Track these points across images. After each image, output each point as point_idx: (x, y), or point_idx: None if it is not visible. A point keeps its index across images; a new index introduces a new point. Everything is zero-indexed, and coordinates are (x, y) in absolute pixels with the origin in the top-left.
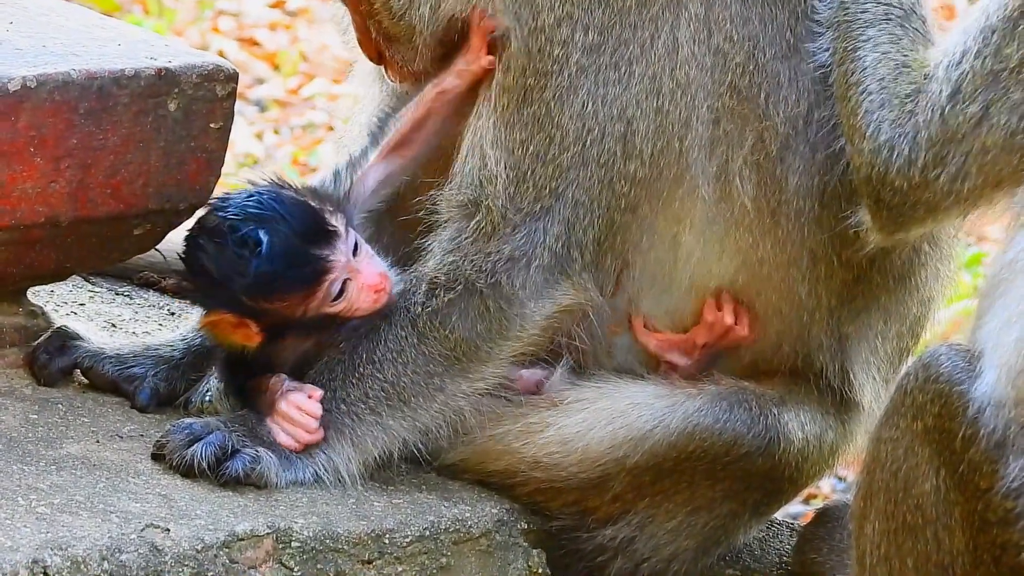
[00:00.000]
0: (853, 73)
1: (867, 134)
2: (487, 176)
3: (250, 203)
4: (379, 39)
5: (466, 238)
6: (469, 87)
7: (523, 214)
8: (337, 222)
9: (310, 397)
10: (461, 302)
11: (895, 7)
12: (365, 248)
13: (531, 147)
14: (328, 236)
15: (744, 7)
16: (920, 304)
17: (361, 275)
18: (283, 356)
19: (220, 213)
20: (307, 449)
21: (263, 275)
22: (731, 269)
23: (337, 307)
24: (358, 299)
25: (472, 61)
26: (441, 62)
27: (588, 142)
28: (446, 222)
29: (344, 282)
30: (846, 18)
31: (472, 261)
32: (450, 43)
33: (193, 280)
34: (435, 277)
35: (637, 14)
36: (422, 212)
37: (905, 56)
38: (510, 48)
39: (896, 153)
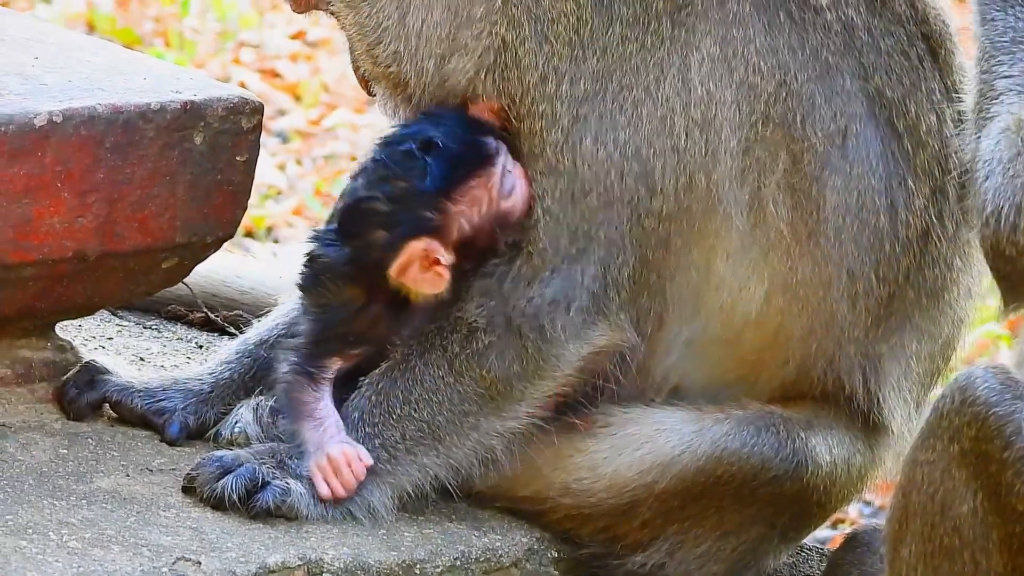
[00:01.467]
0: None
1: (978, 207)
2: (524, 223)
3: (399, 130)
4: (366, 77)
5: (507, 282)
6: None
7: (561, 257)
8: (495, 138)
9: (361, 459)
10: (501, 344)
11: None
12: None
13: (556, 193)
14: (484, 126)
15: (770, 37)
16: (952, 324)
17: (518, 168)
18: (377, 333)
19: (370, 161)
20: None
21: (444, 167)
22: (763, 293)
23: (508, 201)
24: (522, 195)
25: None
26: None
27: (609, 183)
28: (484, 269)
29: (510, 175)
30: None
31: (514, 305)
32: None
33: (368, 235)
34: (475, 321)
35: (640, 59)
36: None
37: (1011, 117)
38: (510, 113)
39: (1003, 222)
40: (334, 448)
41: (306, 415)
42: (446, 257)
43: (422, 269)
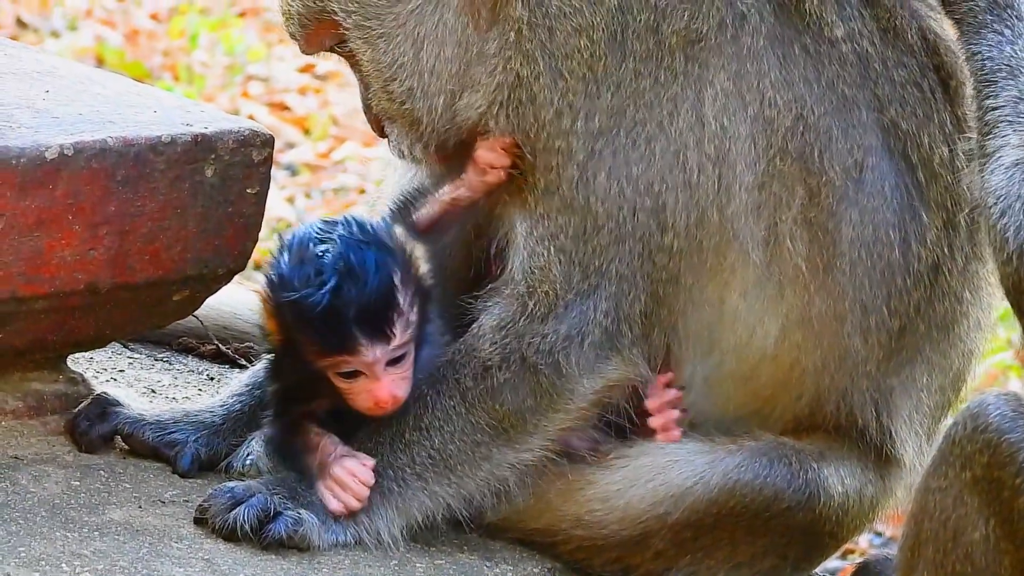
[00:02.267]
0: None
1: (996, 244)
2: (537, 265)
3: (361, 249)
4: (379, 115)
5: (521, 319)
6: (483, 195)
7: (574, 293)
8: (398, 332)
9: (364, 465)
10: (516, 380)
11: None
12: (405, 370)
13: (570, 230)
14: (378, 333)
15: (785, 71)
16: (962, 356)
17: (377, 383)
18: (322, 393)
19: (342, 230)
20: (351, 513)
21: (303, 308)
22: (778, 328)
23: (340, 383)
24: (359, 396)
25: (485, 173)
26: (452, 150)
27: (621, 219)
28: (493, 304)
29: (359, 372)
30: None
31: (529, 343)
32: (461, 140)
33: (277, 254)
34: (489, 358)
35: (654, 94)
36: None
37: (1018, 151)
38: (523, 149)
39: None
40: (335, 467)
41: (304, 451)
42: (276, 329)
43: (266, 309)
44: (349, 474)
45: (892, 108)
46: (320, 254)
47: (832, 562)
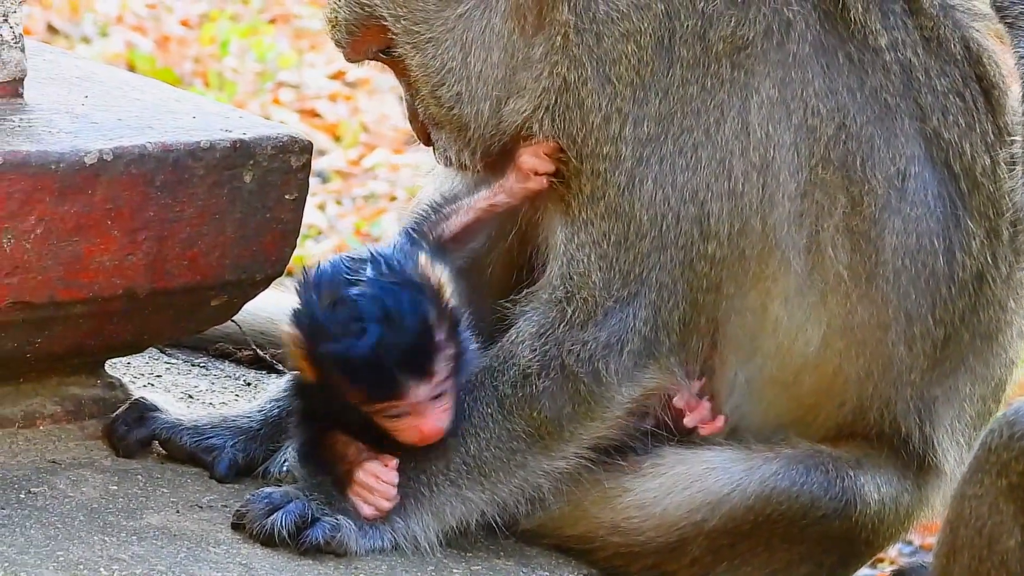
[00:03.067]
0: None
1: None
2: (576, 271)
3: (396, 292)
4: (427, 121)
5: (561, 326)
6: (522, 202)
7: (614, 300)
8: (441, 367)
9: (386, 465)
10: (555, 387)
11: None
12: (447, 402)
13: (612, 237)
14: (423, 373)
15: (829, 80)
16: (1004, 366)
17: (422, 419)
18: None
19: (372, 271)
20: (387, 517)
21: (347, 359)
22: (821, 336)
23: (384, 423)
24: (405, 431)
25: (528, 179)
26: (490, 158)
27: (664, 227)
28: (532, 311)
29: (405, 413)
30: None
31: (569, 350)
32: (504, 145)
33: (304, 293)
34: (528, 366)
35: (700, 101)
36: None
37: None
38: (569, 155)
39: None
40: (358, 472)
41: (332, 460)
42: (310, 374)
43: (298, 352)
44: (373, 477)
45: (935, 117)
46: (354, 298)
47: (862, 570)
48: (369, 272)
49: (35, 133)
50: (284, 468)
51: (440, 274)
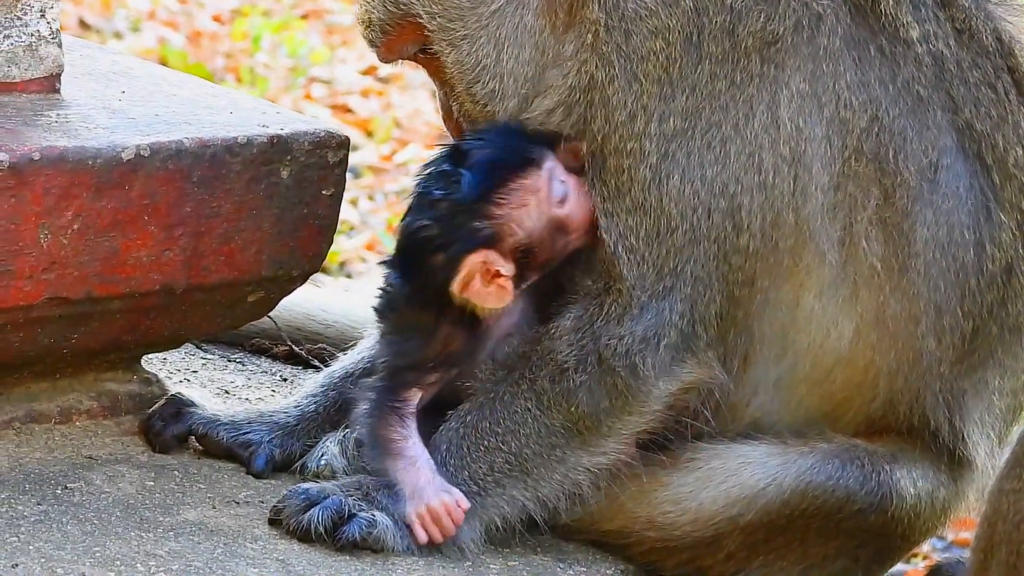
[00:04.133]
0: None
1: None
2: (610, 260)
3: (436, 154)
4: (461, 119)
5: (598, 320)
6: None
7: (649, 294)
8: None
9: (459, 506)
10: (592, 381)
11: None
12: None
13: (641, 231)
14: (534, 138)
15: (860, 72)
16: None
17: (572, 179)
18: (458, 360)
19: (414, 188)
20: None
21: (479, 173)
22: (853, 330)
23: (564, 209)
24: (578, 204)
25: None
26: None
27: (695, 220)
28: (572, 303)
29: (563, 186)
30: None
31: (606, 344)
32: None
33: (427, 261)
34: (565, 360)
35: (729, 96)
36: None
37: None
38: (591, 150)
39: None
40: (434, 499)
41: (395, 453)
42: (505, 267)
43: (484, 283)
44: (446, 511)
45: (967, 109)
46: (427, 176)
47: (897, 566)
48: (417, 179)
49: (72, 128)
50: (321, 463)
51: None
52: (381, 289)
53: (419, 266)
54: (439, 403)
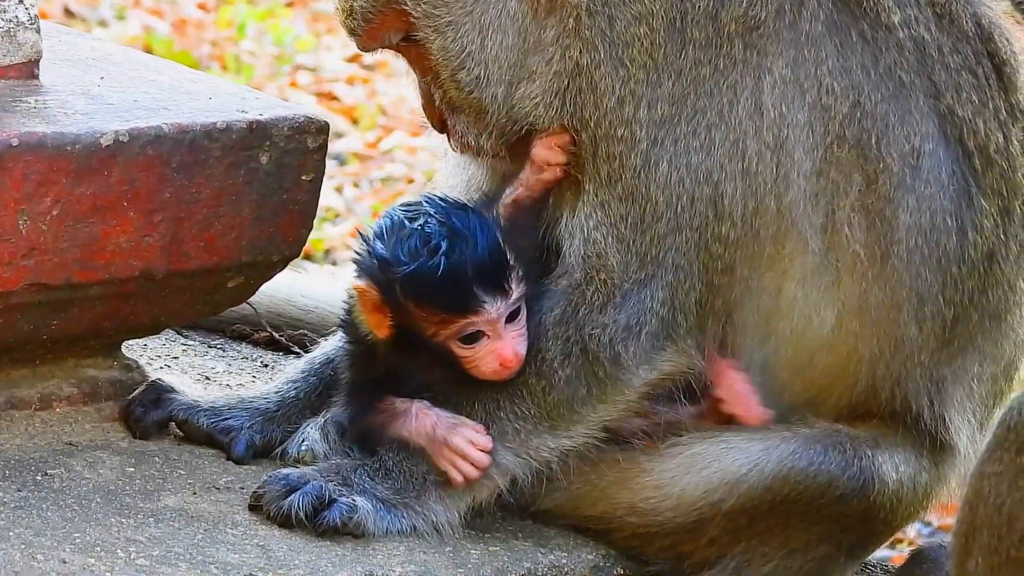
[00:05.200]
0: None
1: None
2: (595, 252)
3: (459, 213)
4: (443, 108)
5: (581, 309)
6: (541, 193)
7: (632, 282)
8: (514, 285)
9: (478, 431)
10: (573, 371)
11: None
12: (522, 327)
13: (629, 219)
14: (497, 288)
15: (842, 58)
16: (1014, 346)
17: (501, 342)
18: (406, 375)
19: (429, 206)
20: (403, 498)
21: (422, 276)
22: (835, 317)
23: (464, 352)
24: (484, 359)
25: (541, 171)
26: (512, 145)
27: (679, 208)
28: (552, 296)
29: (481, 334)
30: None
31: (590, 334)
32: (522, 131)
33: (367, 244)
34: (549, 349)
35: (714, 82)
36: None
37: None
38: (582, 138)
39: None
40: (453, 437)
41: (391, 418)
42: (388, 321)
43: (371, 308)
44: (468, 443)
45: (948, 95)
46: (420, 227)
47: (881, 551)
48: (426, 207)
49: (51, 115)
50: (302, 449)
51: (494, 212)
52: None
53: (364, 240)
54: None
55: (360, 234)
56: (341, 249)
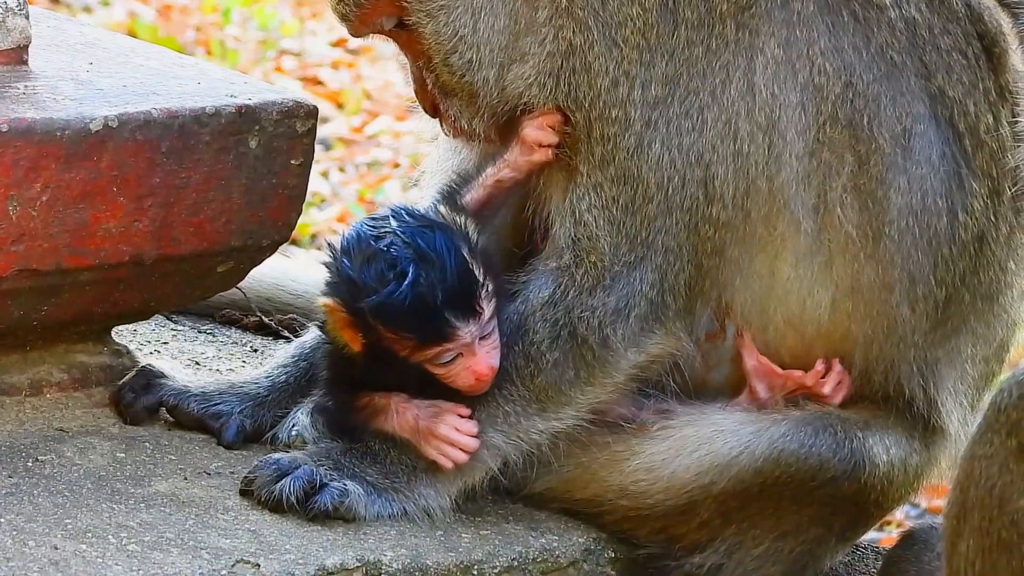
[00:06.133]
0: None
1: None
2: (584, 234)
3: (425, 234)
4: (435, 92)
5: (571, 292)
6: (527, 175)
7: (621, 264)
8: (485, 304)
9: (462, 416)
10: (562, 355)
11: None
12: (495, 339)
13: (620, 201)
14: (469, 311)
15: (834, 38)
16: (1006, 327)
17: (475, 359)
18: (384, 380)
19: (395, 222)
20: (393, 482)
21: (391, 306)
22: (829, 299)
23: (438, 371)
24: (459, 375)
25: (532, 152)
26: (501, 127)
27: (670, 190)
28: (541, 279)
29: (456, 355)
30: None
31: (580, 316)
32: (512, 112)
33: (335, 262)
34: (538, 331)
35: (706, 63)
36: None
37: None
38: (575, 119)
39: None
40: (438, 427)
41: (371, 414)
42: (359, 340)
43: (341, 324)
44: (453, 429)
45: (939, 75)
46: (385, 248)
47: (870, 534)
48: (393, 224)
49: (40, 100)
50: (292, 434)
51: (463, 219)
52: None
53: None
54: None
55: (328, 244)
56: (327, 234)
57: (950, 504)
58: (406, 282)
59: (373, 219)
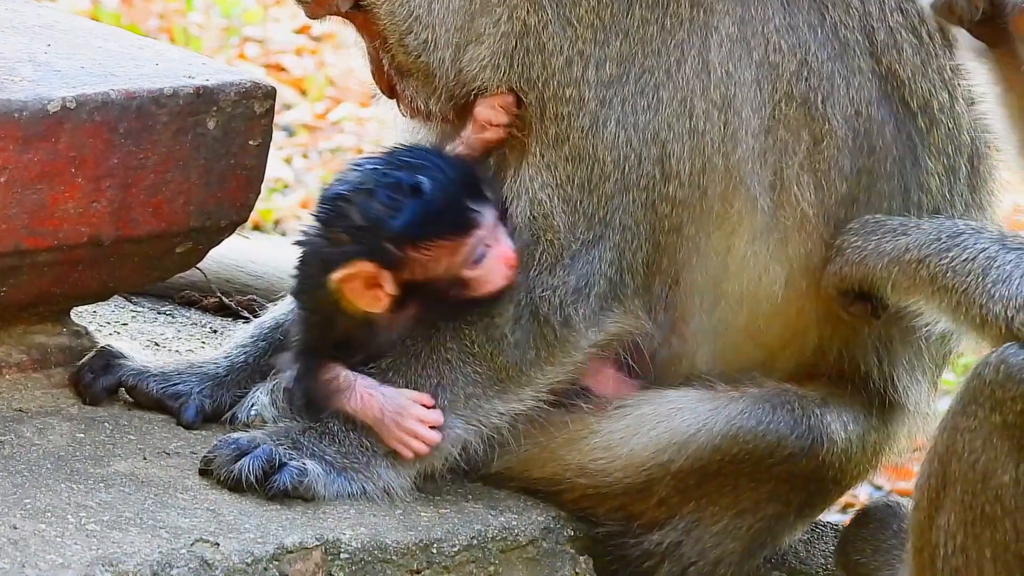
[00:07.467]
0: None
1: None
2: (541, 213)
3: (403, 152)
4: (391, 73)
5: (531, 271)
6: (482, 153)
7: (579, 243)
8: (490, 191)
9: (426, 406)
10: (522, 334)
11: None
12: (502, 227)
13: (576, 179)
14: (482, 194)
15: (789, 16)
16: None
17: (500, 246)
18: (362, 344)
19: (368, 162)
20: (352, 462)
21: (417, 217)
22: (784, 277)
23: (475, 274)
24: (492, 270)
25: (484, 131)
26: (456, 107)
27: (626, 168)
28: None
29: (486, 249)
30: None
31: (541, 296)
32: (468, 93)
33: (331, 234)
34: (499, 314)
35: (660, 41)
36: None
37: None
38: (529, 99)
39: None
40: (406, 420)
41: (334, 392)
42: (390, 287)
43: (364, 286)
44: (418, 422)
45: (890, 54)
46: (385, 174)
47: (833, 517)
48: (367, 164)
49: None
50: (251, 414)
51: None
52: (295, 266)
53: (325, 225)
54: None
55: (322, 229)
56: (290, 220)
57: (927, 476)
58: (422, 188)
59: (342, 175)
